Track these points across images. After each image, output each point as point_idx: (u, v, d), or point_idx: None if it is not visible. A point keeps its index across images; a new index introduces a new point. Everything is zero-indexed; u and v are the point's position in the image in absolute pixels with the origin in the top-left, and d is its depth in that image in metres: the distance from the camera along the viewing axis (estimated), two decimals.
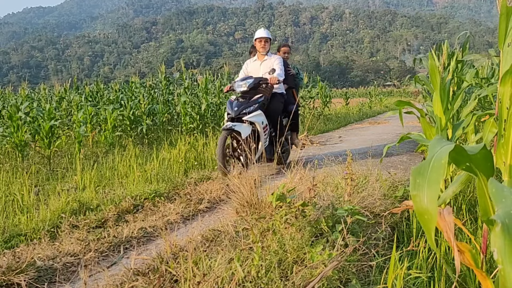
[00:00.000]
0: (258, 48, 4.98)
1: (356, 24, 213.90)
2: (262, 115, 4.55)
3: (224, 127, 4.39)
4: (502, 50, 1.38)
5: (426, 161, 0.97)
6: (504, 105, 1.31)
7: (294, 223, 2.16)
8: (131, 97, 8.76)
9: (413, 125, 8.38)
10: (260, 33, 4.97)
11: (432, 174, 0.93)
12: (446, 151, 0.94)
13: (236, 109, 4.49)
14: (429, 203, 0.91)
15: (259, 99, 4.58)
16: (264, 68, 4.98)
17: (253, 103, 4.52)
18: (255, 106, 4.51)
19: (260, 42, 4.92)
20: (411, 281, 1.83)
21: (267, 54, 5.00)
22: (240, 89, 4.65)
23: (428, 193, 0.92)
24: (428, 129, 2.80)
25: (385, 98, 24.16)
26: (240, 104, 4.53)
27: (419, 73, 3.87)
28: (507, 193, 0.86)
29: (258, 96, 4.60)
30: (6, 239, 2.69)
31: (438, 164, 0.93)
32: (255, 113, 4.48)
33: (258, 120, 4.48)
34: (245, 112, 4.47)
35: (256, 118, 4.47)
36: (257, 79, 4.65)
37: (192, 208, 3.28)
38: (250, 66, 5.17)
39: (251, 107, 4.50)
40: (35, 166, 5.06)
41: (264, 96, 4.64)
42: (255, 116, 4.47)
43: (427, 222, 0.92)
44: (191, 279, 1.72)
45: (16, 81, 78.07)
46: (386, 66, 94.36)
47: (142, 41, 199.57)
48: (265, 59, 5.01)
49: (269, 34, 4.99)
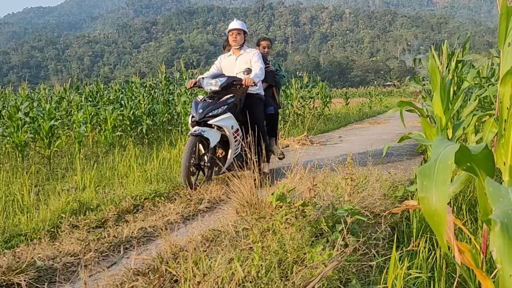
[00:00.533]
0: (230, 42, 4.44)
1: (356, 24, 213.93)
2: (231, 119, 3.99)
3: (192, 133, 3.84)
4: (502, 50, 1.38)
5: (431, 162, 0.96)
6: (505, 105, 1.31)
7: (294, 223, 2.16)
8: (131, 97, 8.77)
9: (413, 125, 8.39)
10: (232, 25, 4.46)
11: (439, 175, 0.91)
12: (451, 151, 0.93)
13: (201, 111, 3.92)
14: (438, 205, 0.90)
15: (228, 100, 4.00)
16: (240, 63, 4.43)
17: (221, 105, 3.95)
18: (223, 108, 3.95)
19: (232, 35, 4.40)
20: (411, 281, 1.83)
21: (242, 48, 4.46)
22: (210, 87, 4.05)
23: (437, 195, 0.90)
24: (428, 129, 2.81)
25: (385, 98, 24.19)
26: (206, 106, 3.95)
27: (419, 73, 3.88)
28: (504, 192, 0.85)
29: (227, 97, 4.02)
30: (6, 239, 2.69)
31: (445, 165, 0.92)
32: (223, 116, 3.92)
33: (227, 124, 3.94)
34: (211, 115, 3.90)
35: (224, 122, 3.92)
36: (231, 79, 4.09)
37: (192, 208, 3.28)
38: (225, 62, 4.60)
39: (219, 109, 3.93)
40: (35, 166, 5.06)
41: (235, 97, 4.08)
42: (224, 119, 3.92)
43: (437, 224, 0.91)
44: (191, 279, 1.72)
45: (16, 81, 78.10)
46: (386, 66, 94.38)
47: (142, 41, 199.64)
48: (241, 53, 4.45)
49: (243, 26, 4.47)
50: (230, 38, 4.42)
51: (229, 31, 4.43)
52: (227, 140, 4.04)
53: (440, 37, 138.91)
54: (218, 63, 4.63)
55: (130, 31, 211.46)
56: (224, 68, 4.53)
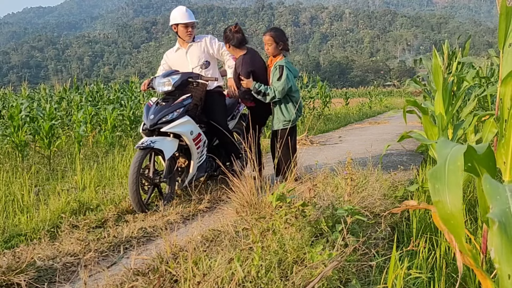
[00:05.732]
0: (182, 36, 3.78)
1: (356, 24, 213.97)
2: (190, 123, 3.43)
3: (139, 145, 3.23)
4: (502, 50, 1.38)
5: (440, 165, 0.94)
6: (505, 105, 1.31)
7: (294, 223, 2.16)
8: (131, 97, 8.76)
9: (413, 125, 8.39)
10: (182, 16, 3.72)
11: (451, 177, 0.89)
12: (459, 152, 0.91)
13: (152, 117, 3.32)
14: (453, 208, 0.88)
15: (185, 101, 3.44)
16: (192, 57, 3.80)
17: (176, 107, 3.38)
18: (179, 111, 3.37)
19: (186, 28, 3.73)
20: (411, 281, 1.83)
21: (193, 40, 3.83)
22: (162, 88, 3.49)
23: (451, 198, 0.89)
24: (430, 128, 2.81)
25: (385, 98, 24.17)
26: (159, 110, 3.36)
27: (419, 73, 3.88)
28: (501, 190, 0.84)
29: (184, 97, 3.46)
30: (6, 239, 2.70)
31: (455, 167, 0.90)
32: (179, 121, 3.34)
33: (185, 130, 3.37)
34: (165, 121, 3.33)
35: (181, 127, 3.35)
36: (186, 75, 3.52)
37: (192, 208, 3.28)
38: (172, 58, 3.95)
39: (174, 112, 3.35)
40: (35, 166, 5.06)
41: (194, 97, 3.56)
42: (180, 125, 3.34)
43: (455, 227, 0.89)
44: (191, 279, 1.72)
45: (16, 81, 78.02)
46: (386, 66, 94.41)
47: (142, 41, 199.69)
48: (190, 45, 3.82)
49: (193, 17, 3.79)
50: (183, 31, 3.75)
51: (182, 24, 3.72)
52: (188, 147, 3.49)
53: (440, 37, 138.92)
54: (165, 63, 4.03)
55: (130, 31, 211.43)
56: (174, 66, 3.88)
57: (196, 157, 3.51)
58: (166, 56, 4.05)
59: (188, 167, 3.57)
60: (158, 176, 3.39)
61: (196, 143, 3.47)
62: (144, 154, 3.21)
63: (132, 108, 7.83)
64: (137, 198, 3.12)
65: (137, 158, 3.17)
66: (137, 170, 3.12)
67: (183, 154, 3.59)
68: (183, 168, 3.64)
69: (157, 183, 3.41)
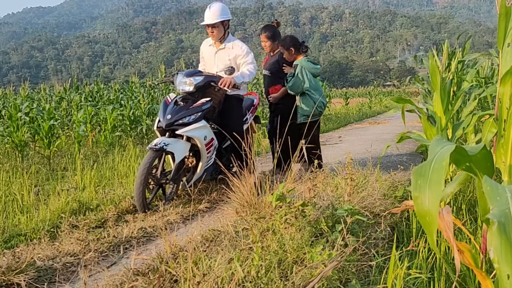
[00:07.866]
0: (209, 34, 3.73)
1: (356, 24, 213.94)
2: (205, 128, 3.40)
3: (151, 146, 3.19)
4: (502, 50, 1.38)
5: (427, 162, 0.96)
6: (504, 105, 1.31)
7: (294, 223, 2.16)
8: (131, 97, 8.76)
9: (413, 125, 8.38)
10: (205, 16, 3.66)
11: (434, 175, 0.91)
12: (447, 152, 0.93)
13: (169, 117, 3.29)
14: (431, 205, 0.90)
15: (204, 106, 3.39)
16: (219, 60, 3.75)
17: (194, 111, 3.33)
18: (196, 115, 3.32)
19: (208, 29, 3.67)
20: (411, 281, 1.83)
21: (225, 40, 3.73)
22: (184, 88, 3.41)
23: (430, 195, 0.90)
24: (429, 128, 2.81)
25: (385, 98, 24.17)
26: (177, 110, 3.32)
27: (419, 73, 3.87)
28: (501, 191, 0.85)
29: (203, 101, 3.41)
30: (6, 239, 2.70)
31: (439, 166, 0.92)
32: (195, 125, 3.31)
33: (199, 135, 3.34)
34: (182, 123, 3.28)
35: (196, 132, 3.32)
36: (209, 78, 3.44)
37: (192, 208, 3.27)
38: (205, 51, 3.92)
39: (192, 115, 3.30)
40: (35, 166, 5.06)
41: (213, 102, 3.50)
42: (196, 129, 3.32)
43: (429, 224, 0.91)
44: (191, 279, 1.72)
45: (16, 81, 78.03)
46: (386, 66, 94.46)
47: (142, 41, 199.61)
48: (221, 47, 3.74)
49: (219, 17, 3.60)
50: (208, 32, 3.70)
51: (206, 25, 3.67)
52: (198, 149, 3.47)
53: (440, 37, 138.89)
54: (202, 54, 3.96)
55: (130, 31, 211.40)
56: (207, 61, 3.88)
57: (205, 161, 3.49)
58: (202, 46, 4.02)
59: (195, 168, 3.54)
60: (165, 177, 3.39)
61: (207, 148, 3.45)
62: (155, 155, 3.20)
63: (132, 108, 7.83)
64: (142, 198, 3.13)
65: (148, 159, 3.15)
66: (146, 171, 3.11)
67: (192, 155, 3.57)
68: (190, 168, 3.60)
69: (163, 183, 3.42)
